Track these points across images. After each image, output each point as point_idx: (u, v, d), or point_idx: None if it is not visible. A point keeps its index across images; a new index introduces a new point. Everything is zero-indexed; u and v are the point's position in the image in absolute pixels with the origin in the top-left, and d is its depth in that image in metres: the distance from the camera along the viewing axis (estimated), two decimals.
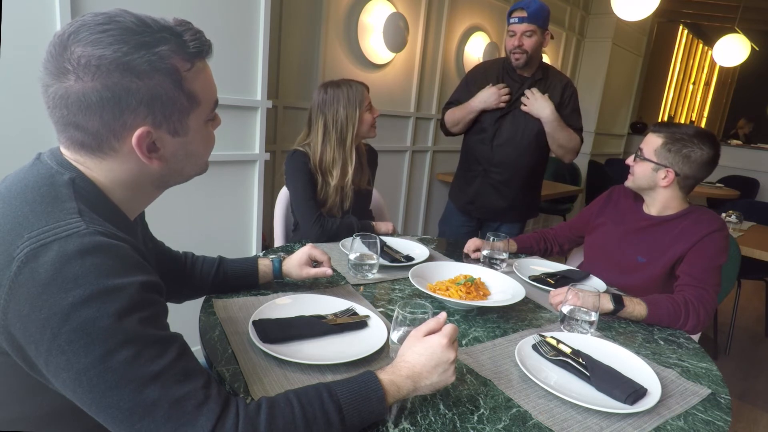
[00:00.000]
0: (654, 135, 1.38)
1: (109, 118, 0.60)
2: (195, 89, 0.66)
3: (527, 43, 1.92)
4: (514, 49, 1.94)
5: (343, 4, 2.58)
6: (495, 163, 2.09)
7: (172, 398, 0.55)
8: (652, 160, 1.37)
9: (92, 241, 0.55)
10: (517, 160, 2.07)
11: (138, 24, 0.60)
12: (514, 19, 1.93)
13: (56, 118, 0.61)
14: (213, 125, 0.74)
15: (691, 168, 1.33)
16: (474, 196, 2.18)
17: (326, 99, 1.62)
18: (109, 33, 0.58)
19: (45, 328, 0.52)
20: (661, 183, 1.37)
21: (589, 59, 4.83)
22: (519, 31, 1.91)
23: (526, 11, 1.89)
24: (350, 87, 1.62)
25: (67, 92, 0.59)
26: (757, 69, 7.85)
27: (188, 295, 1.07)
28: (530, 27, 1.90)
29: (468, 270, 1.29)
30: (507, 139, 2.05)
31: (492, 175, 2.11)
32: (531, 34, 1.91)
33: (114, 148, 0.63)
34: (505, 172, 2.09)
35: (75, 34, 0.58)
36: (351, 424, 0.65)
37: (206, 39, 0.67)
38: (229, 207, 1.96)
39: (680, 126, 1.37)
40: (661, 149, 1.35)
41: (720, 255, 1.31)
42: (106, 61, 0.58)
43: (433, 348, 0.73)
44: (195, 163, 0.73)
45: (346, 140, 1.62)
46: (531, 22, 1.90)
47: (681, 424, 0.80)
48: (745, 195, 4.60)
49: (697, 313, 1.19)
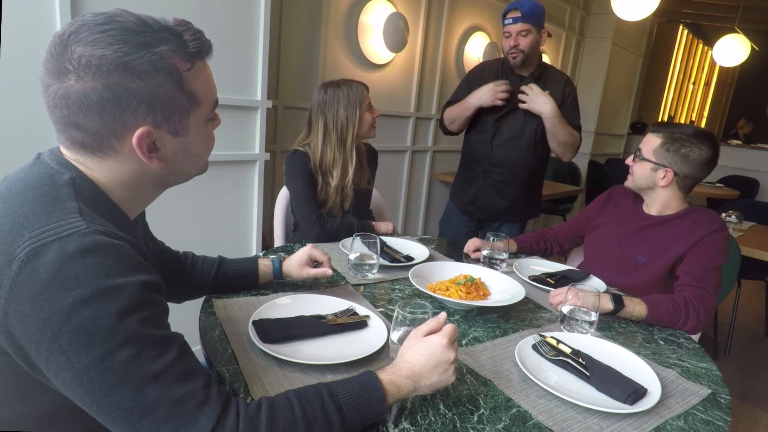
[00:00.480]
0: (653, 135, 1.38)
1: (110, 118, 0.60)
2: (195, 89, 0.66)
3: (523, 42, 1.92)
4: (511, 50, 1.95)
5: (343, 4, 2.58)
6: (495, 163, 2.09)
7: (173, 398, 0.55)
8: (650, 159, 1.37)
9: (93, 240, 0.55)
10: (517, 160, 2.06)
11: (138, 24, 0.60)
12: (508, 20, 1.94)
13: (56, 117, 0.61)
14: (213, 125, 0.74)
15: (690, 168, 1.33)
16: (475, 196, 2.18)
17: (326, 99, 1.62)
18: (109, 33, 0.59)
19: (45, 328, 0.52)
20: (660, 183, 1.37)
21: (589, 59, 4.83)
22: (514, 32, 1.92)
23: (520, 11, 1.89)
24: (350, 87, 1.62)
25: (68, 92, 0.59)
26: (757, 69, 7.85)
27: (188, 294, 1.07)
28: (525, 26, 1.90)
29: (468, 270, 1.30)
30: (507, 139, 2.05)
31: (492, 176, 2.11)
32: (526, 33, 1.91)
33: (114, 148, 0.63)
34: (506, 172, 2.09)
35: (75, 34, 0.58)
36: (351, 424, 0.65)
37: (206, 39, 0.67)
38: (229, 207, 1.96)
39: (679, 126, 1.37)
40: (660, 149, 1.35)
41: (720, 255, 1.31)
42: (107, 61, 0.58)
43: (433, 348, 0.73)
44: (195, 163, 0.73)
45: (347, 140, 1.62)
46: (525, 22, 1.90)
47: (681, 424, 0.80)
48: (745, 195, 4.60)
49: (697, 313, 1.19)
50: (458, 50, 3.39)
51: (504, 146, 2.06)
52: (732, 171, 5.03)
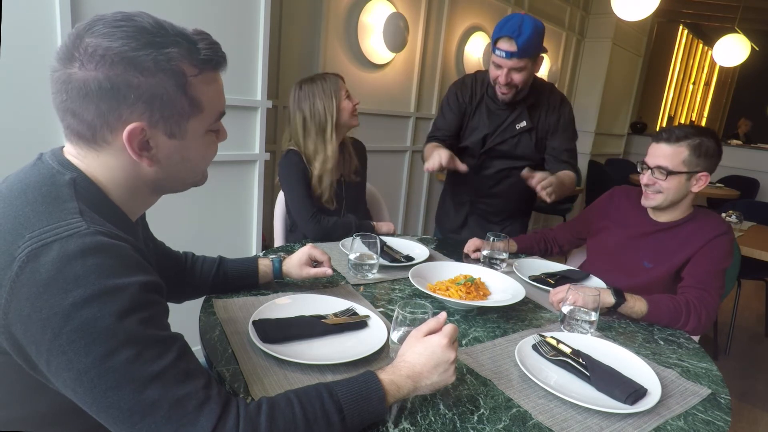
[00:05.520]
0: (673, 146, 1.32)
1: (105, 109, 0.61)
2: (200, 96, 0.66)
3: (517, 78, 1.62)
4: (502, 87, 1.66)
5: (343, 4, 2.58)
6: (483, 195, 1.93)
7: (173, 398, 0.55)
8: (683, 171, 1.32)
9: (93, 241, 0.55)
10: (508, 191, 1.90)
11: (154, 26, 0.61)
12: (500, 52, 1.57)
13: (57, 103, 0.62)
14: (218, 137, 0.74)
15: (715, 163, 1.34)
16: (462, 225, 2.02)
17: (301, 95, 1.64)
18: (122, 29, 0.60)
19: (46, 328, 0.52)
20: (694, 188, 1.34)
21: (589, 59, 4.83)
22: (506, 66, 1.60)
23: (516, 43, 1.53)
24: (324, 80, 1.64)
25: (69, 78, 0.59)
26: (757, 69, 7.86)
27: (188, 295, 1.07)
28: (520, 63, 1.58)
29: (468, 270, 1.30)
30: (496, 171, 1.87)
31: (480, 206, 1.97)
32: (521, 69, 1.60)
33: (107, 140, 0.63)
34: (496, 204, 1.94)
35: (91, 26, 0.60)
36: (351, 424, 0.65)
37: (221, 51, 0.67)
38: (229, 207, 1.96)
39: (680, 128, 1.34)
40: (691, 157, 1.30)
41: (725, 259, 1.30)
42: (112, 52, 0.59)
43: (433, 348, 0.73)
44: (191, 170, 0.72)
45: (326, 130, 1.63)
46: (521, 57, 1.56)
47: (681, 424, 0.80)
48: (745, 195, 4.60)
49: (699, 315, 1.18)
50: (458, 50, 3.39)
51: (492, 179, 1.88)
52: (732, 171, 5.03)
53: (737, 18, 5.08)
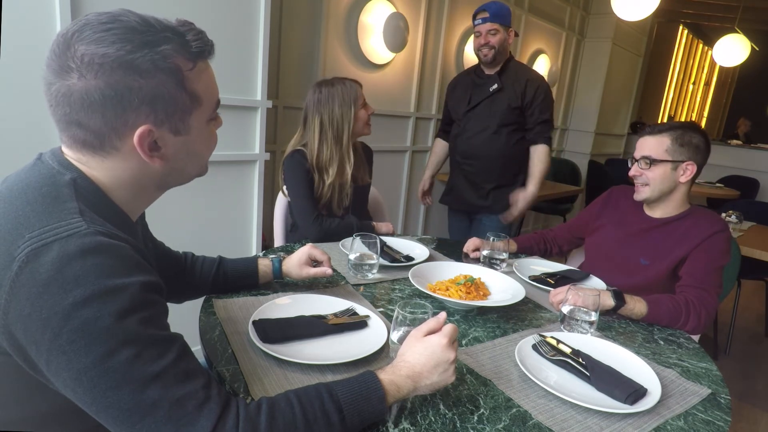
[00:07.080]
0: (656, 137, 1.37)
1: (112, 116, 0.61)
2: (197, 89, 0.66)
3: (493, 40, 2.11)
4: (482, 47, 2.13)
5: (343, 4, 2.58)
6: (466, 156, 2.27)
7: (173, 398, 0.55)
8: (667, 159, 1.35)
9: (93, 241, 0.55)
10: (487, 152, 2.21)
11: (141, 23, 0.61)
12: (478, 20, 2.13)
13: (58, 116, 0.61)
14: (215, 125, 0.74)
15: (702, 156, 1.35)
16: (450, 186, 2.39)
17: (321, 98, 1.62)
18: (112, 32, 0.59)
19: (46, 328, 0.52)
20: (681, 179, 1.36)
21: (589, 59, 4.83)
22: (484, 31, 2.11)
23: (489, 12, 2.09)
24: (344, 85, 1.63)
25: (70, 90, 0.59)
26: (757, 69, 7.85)
27: (188, 295, 1.07)
28: (493, 26, 2.10)
29: (468, 270, 1.30)
30: (475, 132, 2.22)
31: (465, 167, 2.29)
32: (495, 32, 2.10)
33: (116, 146, 0.63)
34: (477, 164, 2.25)
35: (79, 33, 0.59)
36: (351, 424, 0.65)
37: (208, 39, 0.67)
38: (229, 207, 1.96)
39: (666, 123, 1.39)
40: (673, 146, 1.35)
41: (722, 256, 1.30)
42: (109, 59, 0.58)
43: (433, 348, 0.73)
44: (197, 162, 0.73)
45: (343, 138, 1.63)
46: (494, 21, 2.10)
47: (681, 424, 0.80)
48: (745, 195, 4.59)
49: (698, 314, 1.18)
50: (458, 50, 3.39)
51: (472, 139, 2.24)
52: (732, 171, 5.03)
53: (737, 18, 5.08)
